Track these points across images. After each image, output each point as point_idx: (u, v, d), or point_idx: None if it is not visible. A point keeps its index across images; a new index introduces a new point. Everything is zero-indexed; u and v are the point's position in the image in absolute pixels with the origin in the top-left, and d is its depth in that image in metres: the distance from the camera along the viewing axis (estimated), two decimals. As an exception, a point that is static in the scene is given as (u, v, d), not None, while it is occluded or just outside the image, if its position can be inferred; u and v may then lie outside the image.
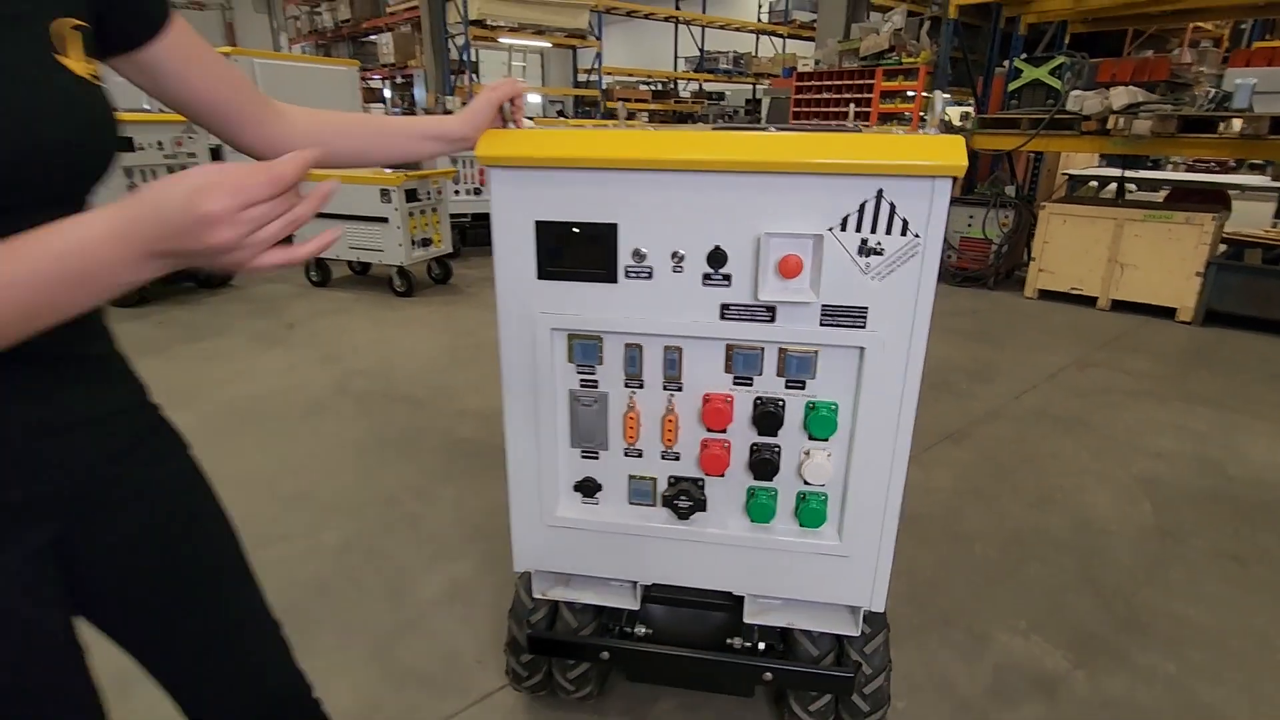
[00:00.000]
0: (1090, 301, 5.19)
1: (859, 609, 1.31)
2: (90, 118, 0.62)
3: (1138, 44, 9.77)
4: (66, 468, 0.68)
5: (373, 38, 14.79)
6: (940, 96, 1.15)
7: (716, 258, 1.11)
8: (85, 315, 0.56)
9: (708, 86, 17.10)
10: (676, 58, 16.07)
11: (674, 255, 1.12)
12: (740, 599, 1.39)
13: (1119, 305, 5.08)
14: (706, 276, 1.12)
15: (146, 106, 4.80)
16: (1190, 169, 8.85)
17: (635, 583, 1.39)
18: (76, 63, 0.61)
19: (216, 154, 5.12)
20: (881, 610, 1.31)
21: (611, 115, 13.55)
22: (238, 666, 0.87)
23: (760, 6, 16.84)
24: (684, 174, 1.06)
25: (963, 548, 2.24)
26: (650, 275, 1.13)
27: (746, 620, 1.35)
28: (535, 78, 21.82)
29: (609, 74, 14.87)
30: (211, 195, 0.53)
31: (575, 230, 1.12)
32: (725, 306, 1.13)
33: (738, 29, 16.13)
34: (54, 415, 0.66)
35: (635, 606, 1.40)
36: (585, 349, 1.21)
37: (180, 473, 0.83)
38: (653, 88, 16.53)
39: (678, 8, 15.24)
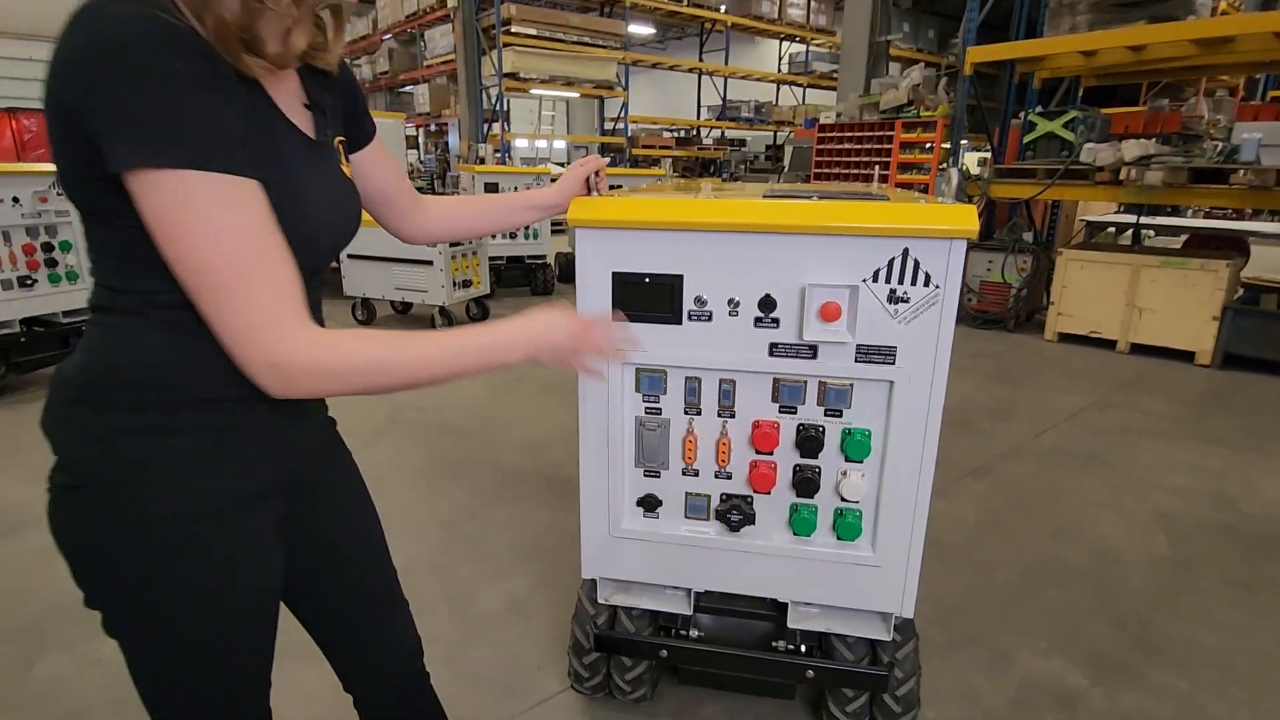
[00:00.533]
0: (1109, 345, 5.31)
1: (890, 615, 1.47)
2: (360, 208, 0.87)
3: (1154, 93, 10.00)
4: (299, 459, 0.91)
5: (409, 89, 15.51)
6: (956, 172, 1.36)
7: (766, 304, 1.31)
8: None
9: (730, 133, 17.62)
10: (699, 106, 16.61)
11: (730, 301, 1.32)
12: (781, 609, 1.56)
13: (1138, 348, 5.20)
14: (757, 320, 1.32)
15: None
16: (1208, 216, 8.99)
17: (689, 590, 1.57)
18: (345, 168, 0.86)
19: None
20: (910, 617, 1.47)
21: (637, 163, 14.01)
22: (383, 629, 1.09)
23: (781, 58, 17.44)
24: (740, 234, 1.28)
25: (985, 574, 2.37)
26: (710, 318, 1.34)
27: (790, 625, 1.51)
28: (562, 125, 22.61)
29: (634, 122, 15.40)
30: (587, 329, 0.91)
31: (646, 280, 1.34)
32: (773, 345, 1.33)
33: (759, 79, 16.69)
34: (298, 421, 0.89)
35: (689, 612, 1.57)
36: (651, 380, 1.41)
37: (351, 470, 1.05)
38: (676, 134, 17.06)
39: (701, 59, 15.83)
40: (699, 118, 16.68)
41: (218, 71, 0.69)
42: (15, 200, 3.70)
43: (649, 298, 1.34)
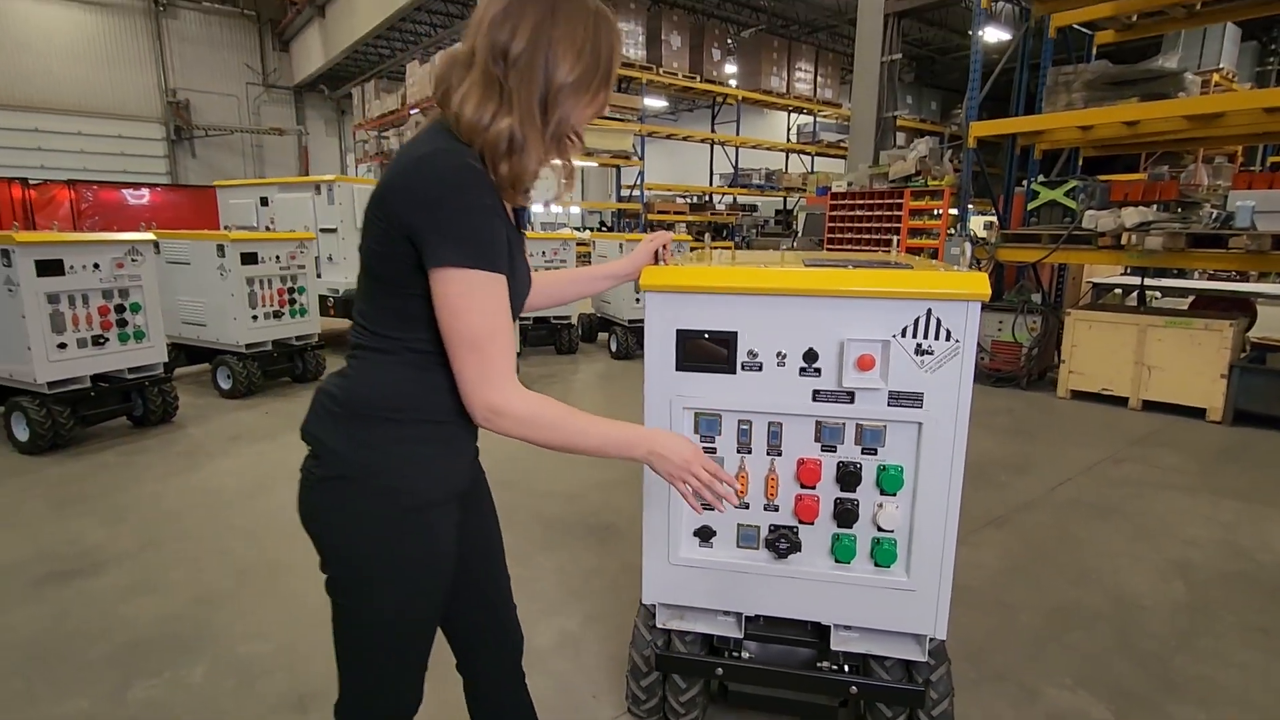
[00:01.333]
0: (1121, 402, 5.46)
1: (925, 637, 1.62)
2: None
3: (1153, 160, 10.37)
4: (470, 474, 1.18)
5: (435, 159, 16.30)
6: (968, 245, 1.59)
7: (810, 356, 1.52)
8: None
9: (741, 199, 18.26)
10: (712, 173, 17.30)
11: (778, 354, 1.54)
12: (822, 635, 1.71)
13: (1150, 405, 5.34)
14: (802, 369, 1.53)
15: (270, 226, 5.52)
16: (1212, 278, 9.21)
17: (740, 615, 1.72)
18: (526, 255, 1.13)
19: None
20: (943, 638, 1.62)
21: (653, 226, 14.52)
22: (501, 622, 1.33)
23: (789, 128, 18.22)
24: (788, 297, 1.50)
25: (1010, 617, 2.49)
26: (760, 368, 1.55)
27: (834, 648, 1.66)
28: (578, 191, 23.44)
29: (649, 189, 16.04)
30: (697, 459, 1.12)
31: (706, 336, 1.56)
32: (816, 392, 1.54)
33: (768, 148, 17.41)
34: (474, 445, 1.17)
35: (740, 635, 1.72)
36: (709, 423, 1.61)
37: (488, 490, 1.30)
38: (690, 201, 17.69)
39: (713, 130, 16.58)
40: (711, 184, 17.34)
41: (498, 200, 1.01)
42: (96, 266, 4.05)
43: (708, 351, 1.56)
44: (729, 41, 14.92)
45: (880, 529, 1.58)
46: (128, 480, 3.70)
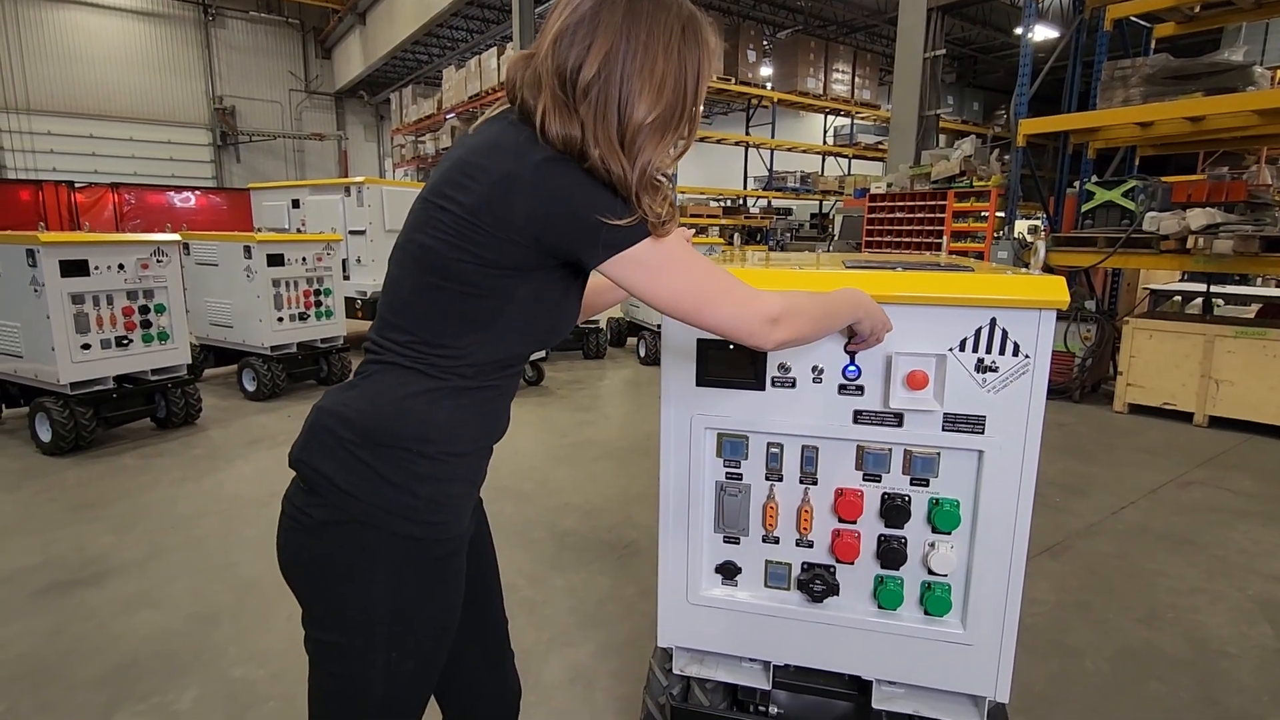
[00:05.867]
0: (1185, 417, 5.08)
1: (983, 699, 1.40)
2: None
3: (1211, 160, 9.83)
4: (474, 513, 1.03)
5: (469, 162, 16.38)
6: (1043, 245, 1.37)
7: (851, 371, 1.32)
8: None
9: (776, 203, 17.94)
10: (746, 176, 17.01)
11: (814, 369, 1.34)
12: (863, 689, 1.49)
13: (1217, 421, 4.95)
14: (842, 387, 1.33)
15: (301, 228, 5.47)
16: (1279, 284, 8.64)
17: (768, 663, 1.52)
18: None
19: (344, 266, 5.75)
20: (1004, 701, 1.39)
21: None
22: (498, 671, 1.18)
23: (826, 130, 17.86)
24: (826, 304, 1.30)
25: (1073, 662, 2.23)
26: (793, 385, 1.35)
27: (875, 706, 1.45)
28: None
29: (683, 192, 15.85)
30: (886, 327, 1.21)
31: (731, 347, 1.36)
32: (858, 413, 1.33)
33: (804, 150, 17.07)
34: (484, 474, 1.01)
35: (767, 687, 1.52)
36: (733, 445, 1.42)
37: (485, 521, 1.15)
38: (723, 204, 17.44)
39: (748, 133, 16.31)
40: (745, 188, 17.06)
41: None
42: (120, 267, 4.02)
43: (732, 364, 1.37)
44: (765, 43, 14.65)
45: (932, 572, 1.36)
46: (144, 484, 3.65)
